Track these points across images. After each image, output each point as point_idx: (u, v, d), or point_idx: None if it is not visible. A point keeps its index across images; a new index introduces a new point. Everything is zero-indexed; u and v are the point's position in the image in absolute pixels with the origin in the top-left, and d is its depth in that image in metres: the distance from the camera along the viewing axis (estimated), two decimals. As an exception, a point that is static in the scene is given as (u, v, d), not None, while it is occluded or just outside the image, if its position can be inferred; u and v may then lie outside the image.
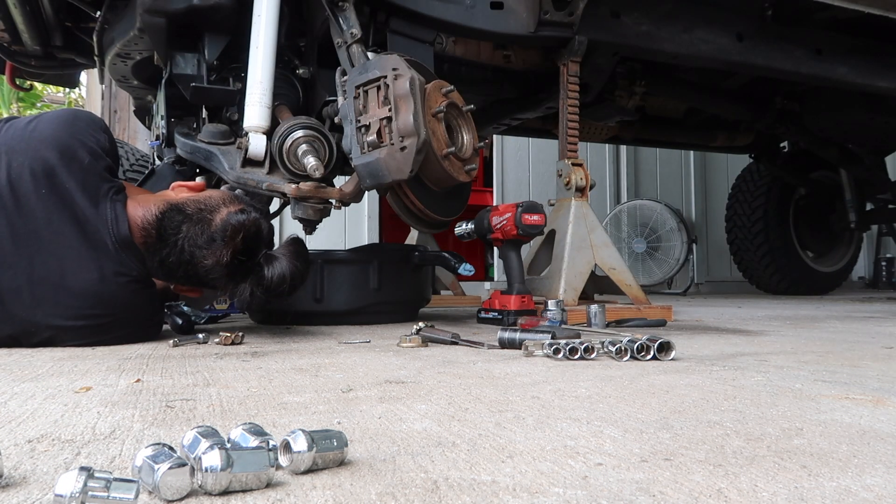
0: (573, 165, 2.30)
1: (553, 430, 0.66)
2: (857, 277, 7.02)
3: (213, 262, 1.46)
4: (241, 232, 1.45)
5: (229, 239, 1.45)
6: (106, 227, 1.47)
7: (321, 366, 1.14)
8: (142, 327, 1.56)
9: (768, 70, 2.83)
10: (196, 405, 0.80)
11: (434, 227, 1.96)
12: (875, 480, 0.50)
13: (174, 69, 1.95)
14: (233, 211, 1.52)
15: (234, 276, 1.48)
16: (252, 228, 1.47)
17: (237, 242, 1.45)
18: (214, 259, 1.46)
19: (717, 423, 0.69)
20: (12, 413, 0.76)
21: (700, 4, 2.62)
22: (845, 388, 0.91)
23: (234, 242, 1.45)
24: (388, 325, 2.04)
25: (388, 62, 1.72)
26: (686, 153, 6.13)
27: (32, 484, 0.50)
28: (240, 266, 1.47)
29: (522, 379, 0.99)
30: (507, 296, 1.96)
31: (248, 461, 0.48)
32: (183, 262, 1.50)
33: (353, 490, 0.48)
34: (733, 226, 4.87)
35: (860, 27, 2.95)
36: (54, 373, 1.07)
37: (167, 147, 2.09)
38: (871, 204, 4.84)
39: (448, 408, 0.78)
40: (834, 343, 1.52)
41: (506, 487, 0.49)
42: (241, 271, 1.48)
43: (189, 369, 1.11)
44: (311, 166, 1.73)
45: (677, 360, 1.19)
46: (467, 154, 1.90)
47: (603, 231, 2.30)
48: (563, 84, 2.39)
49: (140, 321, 1.55)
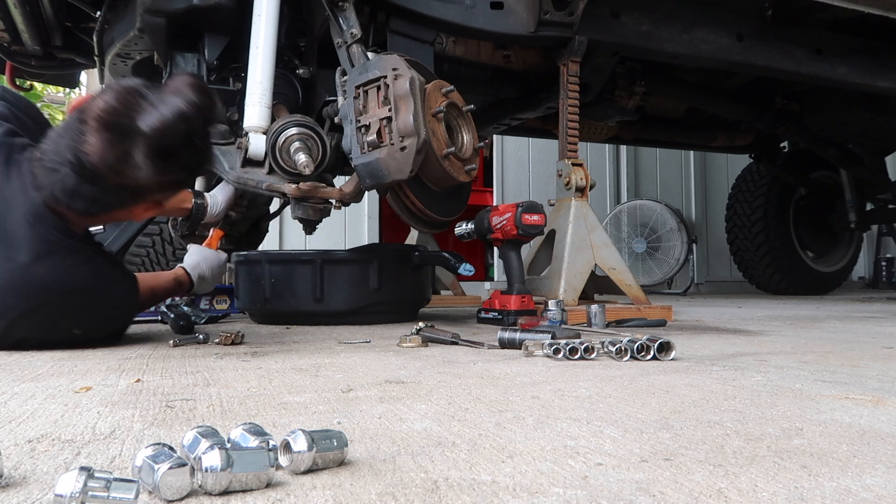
0: (573, 165, 2.30)
1: (553, 430, 0.66)
2: (857, 277, 7.01)
3: (93, 146, 1.23)
4: (105, 103, 1.23)
5: (96, 114, 1.23)
6: (17, 198, 1.32)
7: (321, 366, 1.14)
8: (102, 308, 1.40)
9: (768, 70, 2.83)
10: (196, 405, 0.80)
11: (434, 227, 1.96)
12: (875, 480, 0.50)
13: (174, 69, 1.95)
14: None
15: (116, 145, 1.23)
16: (121, 93, 1.24)
17: (101, 112, 1.22)
18: (93, 141, 1.23)
19: (717, 423, 0.69)
20: (12, 413, 0.76)
21: (700, 4, 2.62)
22: (845, 388, 0.91)
23: (100, 114, 1.22)
24: (388, 325, 2.04)
25: (388, 62, 1.72)
26: (686, 153, 6.13)
27: (32, 484, 0.50)
28: (116, 130, 1.22)
29: (522, 379, 0.99)
30: (507, 296, 1.96)
31: (248, 461, 0.48)
32: (76, 173, 1.26)
33: (353, 490, 0.48)
34: (733, 226, 4.87)
35: (860, 27, 2.95)
36: (54, 373, 1.07)
37: None
38: (872, 204, 4.84)
39: (448, 408, 0.78)
40: (834, 343, 1.52)
41: (506, 487, 0.49)
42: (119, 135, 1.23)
43: (189, 369, 1.11)
44: (302, 163, 1.73)
45: (677, 360, 1.19)
46: (467, 154, 1.90)
47: (603, 231, 2.30)
48: (563, 84, 2.39)
49: (95, 301, 1.38)
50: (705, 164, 6.28)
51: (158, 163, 1.26)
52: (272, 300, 2.07)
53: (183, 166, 1.35)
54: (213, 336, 1.57)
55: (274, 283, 2.06)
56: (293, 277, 2.06)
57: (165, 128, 1.23)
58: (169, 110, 1.23)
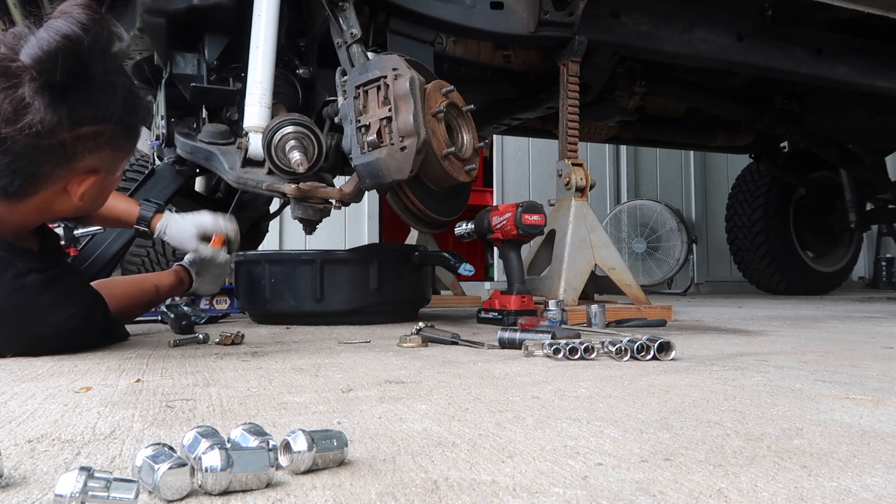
0: (573, 165, 2.30)
1: (553, 430, 0.66)
2: (857, 277, 7.01)
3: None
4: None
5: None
6: None
7: (321, 366, 1.14)
8: (34, 332, 1.24)
9: (768, 70, 2.83)
10: (196, 405, 0.80)
11: (434, 227, 1.96)
12: (875, 480, 0.50)
13: (174, 69, 1.96)
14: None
15: (6, 92, 1.08)
16: (4, 38, 1.10)
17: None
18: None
19: (717, 423, 0.69)
20: (12, 413, 0.76)
21: (700, 4, 2.62)
22: (845, 388, 0.91)
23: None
24: (388, 325, 2.04)
25: (388, 62, 1.72)
26: (686, 153, 6.13)
27: (32, 484, 0.50)
28: (3, 76, 1.08)
29: (522, 379, 0.99)
30: (507, 296, 1.96)
31: (248, 461, 0.48)
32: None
33: (353, 490, 0.48)
34: (733, 226, 4.87)
35: (860, 27, 2.95)
36: (54, 373, 1.07)
37: (167, 147, 2.09)
38: (872, 204, 4.84)
39: (448, 408, 0.78)
40: (834, 343, 1.52)
41: (506, 487, 0.49)
42: (6, 78, 1.08)
43: (189, 369, 1.11)
44: (296, 161, 1.73)
45: (677, 360, 1.19)
46: (467, 154, 1.90)
47: (603, 231, 2.30)
48: (563, 84, 2.39)
49: (22, 325, 1.22)
50: (705, 164, 6.28)
51: (55, 99, 1.10)
52: (272, 300, 2.07)
53: (96, 109, 1.17)
54: (213, 336, 1.57)
55: (274, 283, 2.06)
56: (293, 277, 2.06)
57: (48, 52, 1.06)
58: (48, 32, 1.07)
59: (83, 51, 1.11)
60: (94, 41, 1.12)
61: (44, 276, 1.26)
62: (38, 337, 1.26)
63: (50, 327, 1.26)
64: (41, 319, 1.25)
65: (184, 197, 2.32)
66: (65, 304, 1.28)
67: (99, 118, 1.18)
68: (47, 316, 1.26)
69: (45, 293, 1.26)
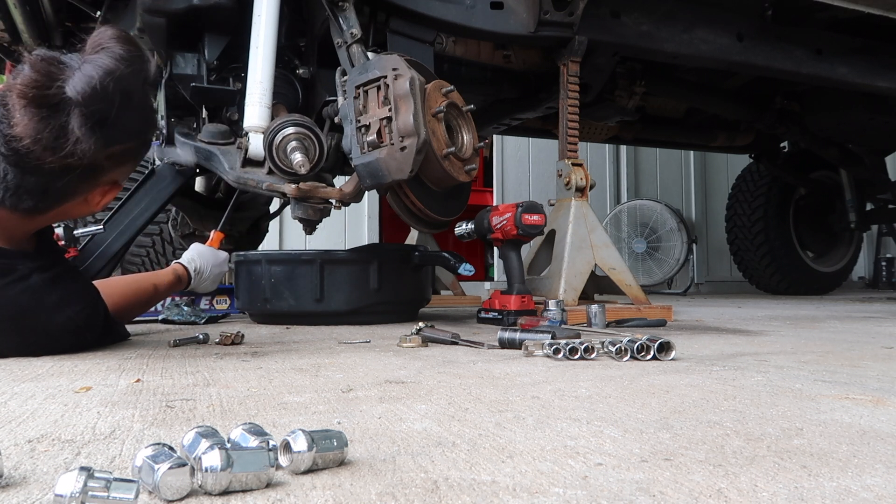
0: (573, 165, 2.30)
1: (553, 430, 0.66)
2: (857, 277, 7.02)
3: (24, 127, 1.11)
4: (25, 77, 1.12)
5: (18, 91, 1.11)
6: None
7: (321, 366, 1.14)
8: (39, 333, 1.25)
9: (768, 70, 2.83)
10: (196, 405, 0.80)
11: (434, 227, 1.96)
12: (875, 480, 0.50)
13: (174, 69, 1.96)
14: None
15: (48, 121, 1.12)
16: (39, 63, 1.12)
17: (23, 88, 1.11)
18: (22, 122, 1.11)
19: (717, 423, 0.69)
20: (12, 413, 0.76)
21: (700, 4, 2.62)
22: (845, 388, 0.91)
23: (22, 90, 1.11)
24: (388, 325, 2.04)
25: (388, 62, 1.72)
26: (686, 153, 6.13)
27: (32, 484, 0.50)
28: (44, 104, 1.11)
29: (522, 379, 0.99)
30: (507, 296, 1.96)
31: (248, 461, 0.48)
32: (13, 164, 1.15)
33: (353, 490, 0.48)
34: (733, 226, 4.87)
35: (860, 27, 2.96)
36: (54, 373, 1.07)
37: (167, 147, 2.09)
38: (871, 204, 4.84)
39: (448, 408, 0.78)
40: (834, 343, 1.52)
41: (506, 487, 0.49)
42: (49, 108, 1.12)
43: (189, 369, 1.11)
44: (297, 162, 1.73)
45: (677, 360, 1.19)
46: (467, 154, 1.90)
47: (603, 231, 2.30)
48: (563, 84, 2.39)
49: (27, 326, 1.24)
50: (705, 164, 6.28)
51: (99, 130, 1.14)
52: (272, 300, 2.07)
53: (128, 132, 1.23)
54: (213, 336, 1.57)
55: (274, 283, 2.06)
56: (293, 277, 2.06)
57: (96, 89, 1.11)
58: (95, 70, 1.12)
59: (128, 85, 1.16)
60: (136, 74, 1.19)
61: (46, 276, 1.27)
62: (47, 336, 1.27)
63: (57, 326, 1.28)
64: (49, 319, 1.26)
65: (184, 197, 2.32)
66: (70, 302, 1.30)
67: (129, 138, 1.25)
68: (54, 315, 1.27)
69: (50, 293, 1.27)
